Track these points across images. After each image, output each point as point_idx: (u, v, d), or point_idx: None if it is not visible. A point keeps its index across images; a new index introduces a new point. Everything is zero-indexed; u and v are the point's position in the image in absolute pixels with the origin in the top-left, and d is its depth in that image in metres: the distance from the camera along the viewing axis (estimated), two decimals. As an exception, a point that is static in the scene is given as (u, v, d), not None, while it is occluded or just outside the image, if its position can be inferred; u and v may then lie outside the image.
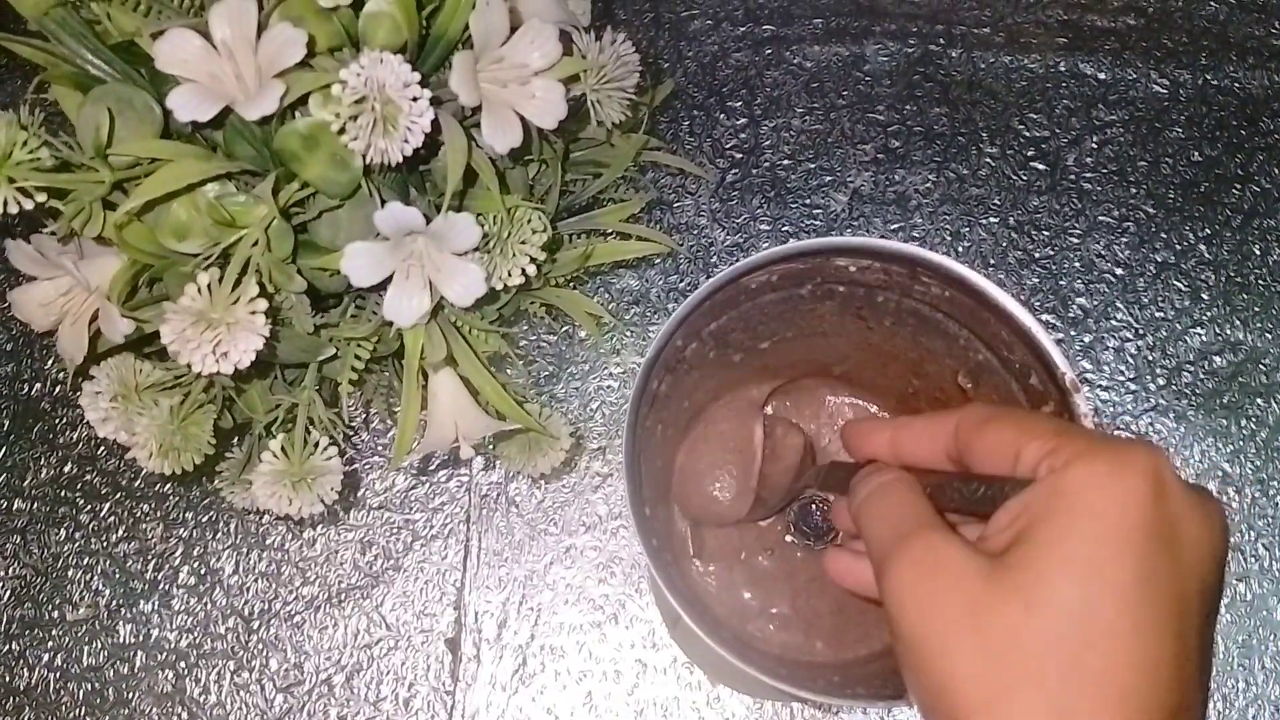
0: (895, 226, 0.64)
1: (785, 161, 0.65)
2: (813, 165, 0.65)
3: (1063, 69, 0.66)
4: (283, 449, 0.45)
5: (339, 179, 0.40)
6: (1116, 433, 0.60)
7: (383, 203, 0.41)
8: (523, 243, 0.44)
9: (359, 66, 0.37)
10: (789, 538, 0.52)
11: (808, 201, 0.65)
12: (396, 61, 0.37)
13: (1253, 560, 0.59)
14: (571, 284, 0.56)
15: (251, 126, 0.40)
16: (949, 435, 0.35)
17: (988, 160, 0.65)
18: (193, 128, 0.42)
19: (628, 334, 0.63)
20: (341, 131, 0.38)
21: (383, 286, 0.42)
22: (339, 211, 0.42)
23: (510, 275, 0.44)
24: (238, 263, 0.39)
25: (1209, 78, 0.66)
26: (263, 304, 0.39)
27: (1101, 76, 0.66)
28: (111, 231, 0.40)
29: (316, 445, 0.45)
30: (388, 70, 0.37)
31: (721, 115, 0.66)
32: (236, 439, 0.54)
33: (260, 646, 0.58)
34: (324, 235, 0.42)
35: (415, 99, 0.38)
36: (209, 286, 0.39)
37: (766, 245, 0.64)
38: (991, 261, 0.63)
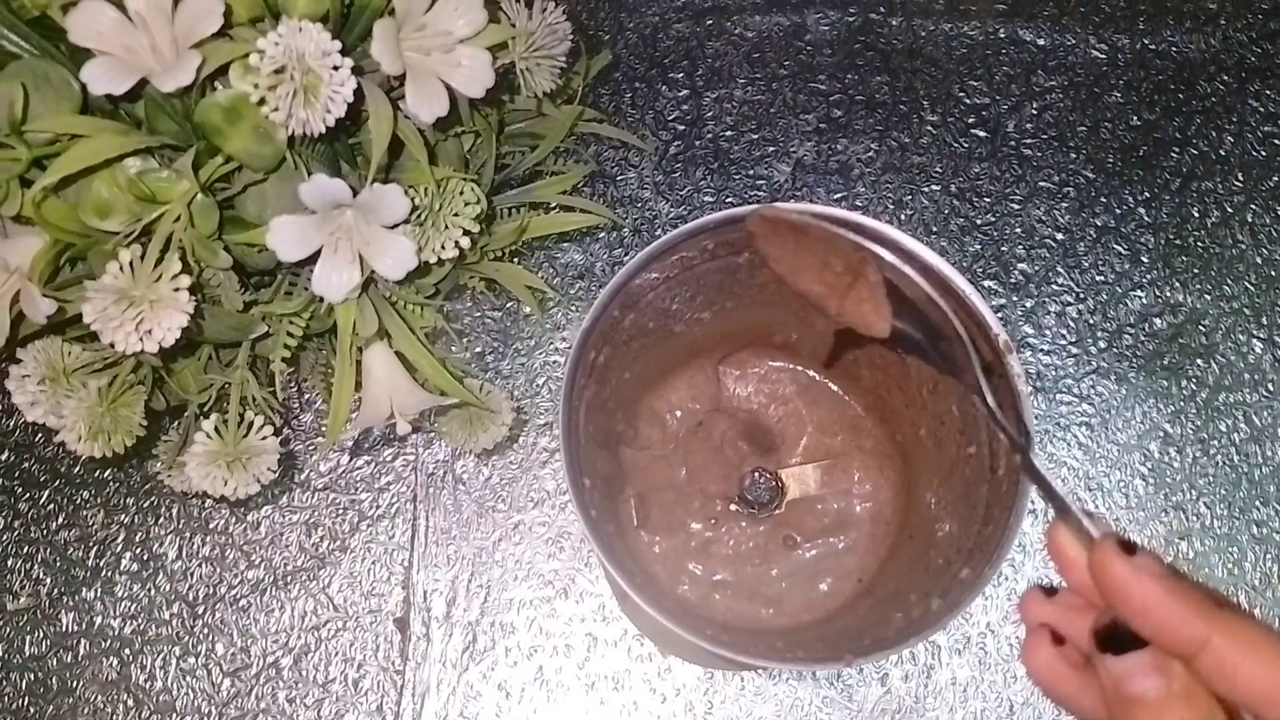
0: (838, 196, 0.64)
1: (728, 133, 0.65)
2: (755, 136, 0.65)
3: (1002, 35, 0.67)
4: (216, 429, 0.44)
5: (263, 152, 0.40)
6: (1059, 396, 0.61)
7: (309, 175, 0.41)
8: (455, 215, 0.43)
9: (277, 35, 0.36)
10: (733, 507, 0.52)
11: (751, 172, 0.65)
12: (316, 30, 0.37)
13: (1194, 519, 0.60)
14: (514, 258, 0.55)
15: (172, 100, 0.40)
16: (1199, 631, 0.28)
17: (929, 128, 0.65)
18: (114, 103, 0.41)
19: (573, 308, 0.62)
20: (262, 103, 0.37)
21: (313, 261, 0.42)
22: (265, 185, 0.41)
23: (443, 248, 0.44)
24: (160, 239, 0.39)
25: (1147, 42, 0.67)
26: (186, 280, 0.38)
27: (1040, 42, 0.67)
28: (30, 209, 0.40)
29: (251, 425, 0.45)
30: (307, 39, 0.37)
31: (663, 87, 0.66)
32: (173, 421, 0.53)
33: (206, 631, 0.58)
34: (250, 210, 0.42)
35: (336, 68, 0.37)
36: (131, 264, 0.38)
37: (710, 217, 0.63)
38: (934, 229, 0.63)
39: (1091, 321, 0.62)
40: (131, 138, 0.39)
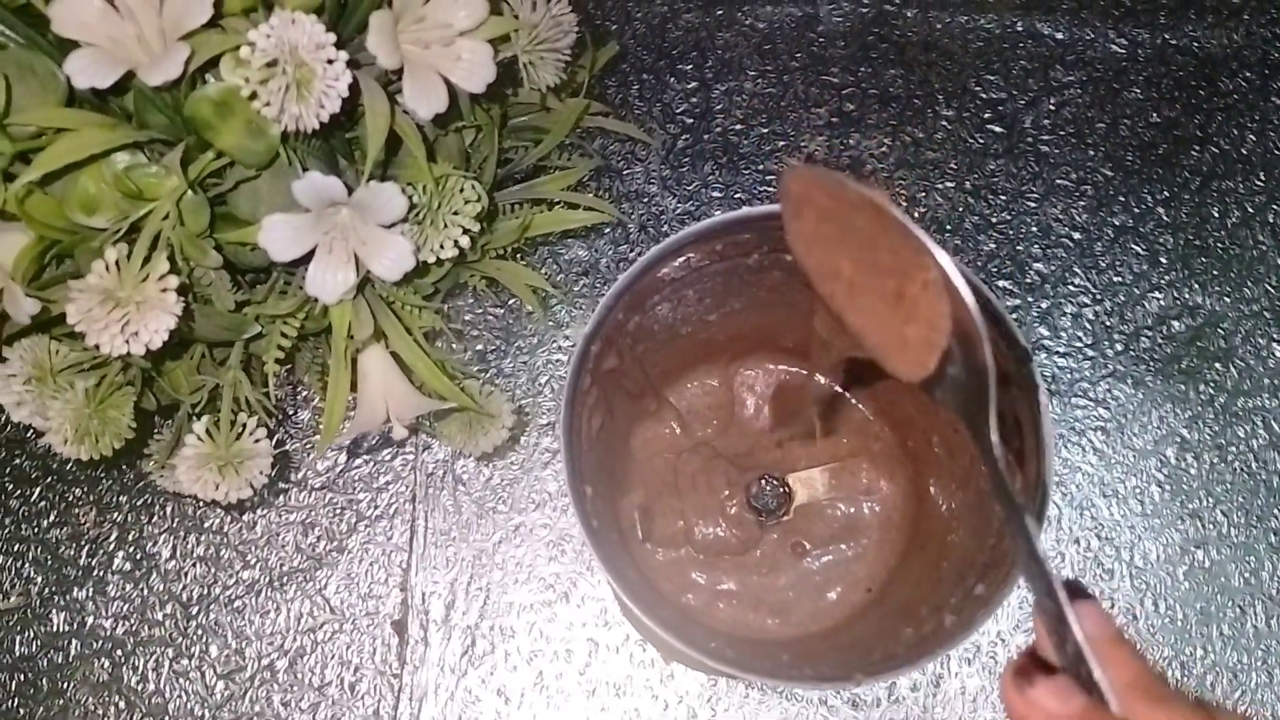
0: (850, 192, 0.62)
1: (737, 126, 0.64)
2: (765, 130, 0.63)
3: (1020, 29, 0.65)
4: (208, 431, 0.43)
5: (255, 148, 0.38)
6: (1074, 400, 0.59)
7: (303, 172, 0.39)
8: (455, 213, 0.42)
9: (269, 27, 0.35)
10: (741, 514, 0.51)
11: (760, 167, 0.63)
12: (309, 21, 0.35)
13: (1211, 527, 0.58)
14: (517, 256, 0.54)
15: (162, 94, 0.38)
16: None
17: (944, 123, 0.63)
18: (101, 96, 0.39)
19: (577, 306, 0.61)
20: (253, 97, 0.36)
21: (307, 260, 0.40)
22: (258, 182, 0.40)
23: (442, 248, 0.42)
24: (147, 237, 0.37)
25: (1168, 37, 0.65)
26: (174, 281, 0.37)
27: (1059, 36, 0.65)
28: (14, 205, 0.38)
29: (244, 428, 0.44)
30: (300, 31, 0.35)
31: (672, 79, 0.64)
32: (165, 419, 0.52)
33: (199, 632, 0.56)
34: (243, 207, 0.40)
35: (330, 61, 0.35)
36: (117, 263, 0.37)
37: (718, 213, 0.62)
38: (948, 227, 0.62)
39: (1108, 324, 0.61)
40: (119, 132, 0.38)
